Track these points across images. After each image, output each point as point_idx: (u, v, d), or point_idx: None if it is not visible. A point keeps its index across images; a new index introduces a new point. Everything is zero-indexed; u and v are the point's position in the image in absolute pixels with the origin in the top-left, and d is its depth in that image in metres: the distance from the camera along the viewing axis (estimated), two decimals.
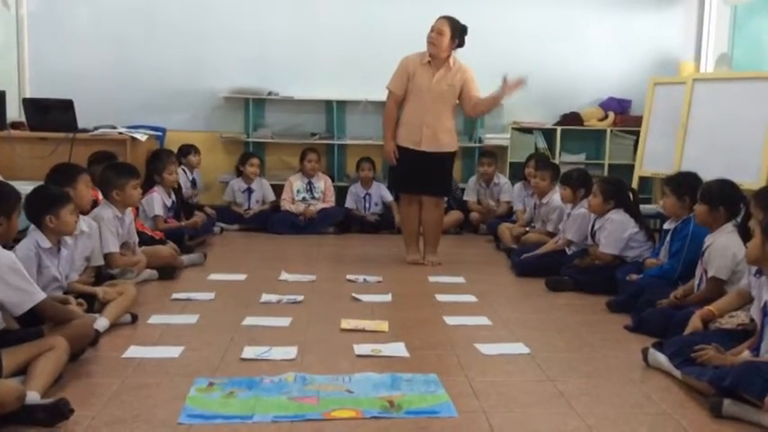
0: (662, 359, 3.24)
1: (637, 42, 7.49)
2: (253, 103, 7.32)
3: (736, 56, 6.94)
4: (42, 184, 3.96)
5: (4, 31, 6.83)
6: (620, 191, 5.01)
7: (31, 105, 5.99)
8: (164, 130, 6.97)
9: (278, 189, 7.12)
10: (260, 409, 2.74)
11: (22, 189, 3.81)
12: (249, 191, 7.05)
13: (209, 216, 6.46)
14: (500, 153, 7.32)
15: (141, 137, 6.03)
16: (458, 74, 5.30)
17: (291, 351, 3.40)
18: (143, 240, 4.98)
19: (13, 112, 6.30)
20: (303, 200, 7.01)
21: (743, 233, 3.52)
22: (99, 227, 4.39)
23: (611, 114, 7.42)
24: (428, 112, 5.27)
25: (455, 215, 6.94)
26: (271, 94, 7.30)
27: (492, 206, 7.02)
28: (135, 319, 3.85)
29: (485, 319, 4.06)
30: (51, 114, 5.82)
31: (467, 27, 5.29)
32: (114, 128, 6.03)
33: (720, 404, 2.75)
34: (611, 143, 7.39)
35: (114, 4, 7.20)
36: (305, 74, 7.33)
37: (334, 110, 7.34)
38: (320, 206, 6.96)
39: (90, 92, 6.66)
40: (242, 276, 4.96)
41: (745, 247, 3.13)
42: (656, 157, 6.61)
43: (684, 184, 4.29)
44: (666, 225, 4.50)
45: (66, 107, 5.77)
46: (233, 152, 7.38)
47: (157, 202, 5.68)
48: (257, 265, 5.31)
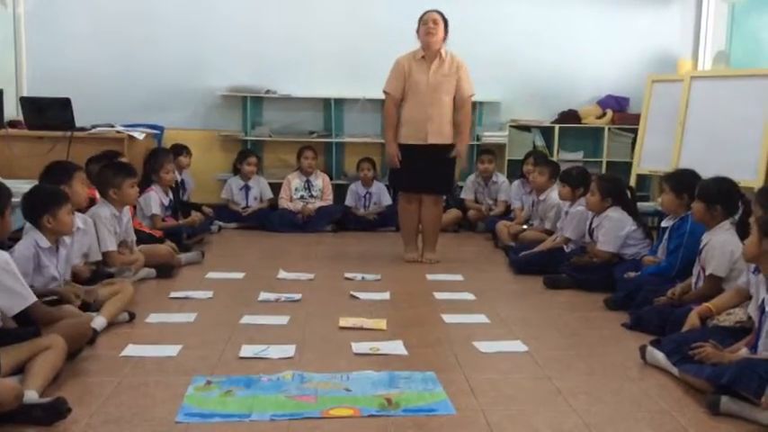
0: (660, 357, 3.24)
1: (635, 40, 7.48)
2: (250, 102, 7.31)
3: (733, 53, 6.94)
4: (39, 183, 3.96)
5: (1, 30, 6.81)
6: (617, 188, 5.01)
7: (28, 104, 5.98)
8: (162, 129, 6.95)
9: (276, 187, 7.11)
10: (258, 408, 2.74)
11: (20, 188, 3.82)
12: (247, 189, 7.04)
13: (206, 215, 6.45)
14: (498, 151, 7.31)
15: (139, 135, 6.02)
16: (452, 64, 5.29)
17: (289, 349, 3.40)
18: (141, 239, 4.98)
19: (11, 110, 6.28)
20: (301, 198, 7.00)
21: (742, 231, 3.51)
22: (96, 225, 4.39)
23: (609, 112, 7.41)
24: (430, 105, 5.26)
25: (453, 213, 6.93)
26: (269, 92, 7.29)
27: (490, 205, 7.01)
28: (133, 317, 3.85)
29: (483, 317, 4.06)
30: (49, 113, 5.80)
31: (447, 19, 5.30)
32: (112, 126, 6.01)
33: (718, 401, 2.76)
34: (609, 141, 7.39)
35: (112, 3, 7.18)
36: (303, 72, 7.32)
37: (332, 108, 7.34)
38: (318, 204, 6.96)
39: (88, 90, 6.64)
40: (240, 275, 4.95)
41: (743, 244, 3.13)
42: (653, 154, 6.61)
43: (683, 181, 4.28)
44: (664, 222, 4.50)
45: (64, 105, 5.75)
46: (231, 150, 7.37)
47: (155, 200, 5.67)
48: (255, 264, 5.31)
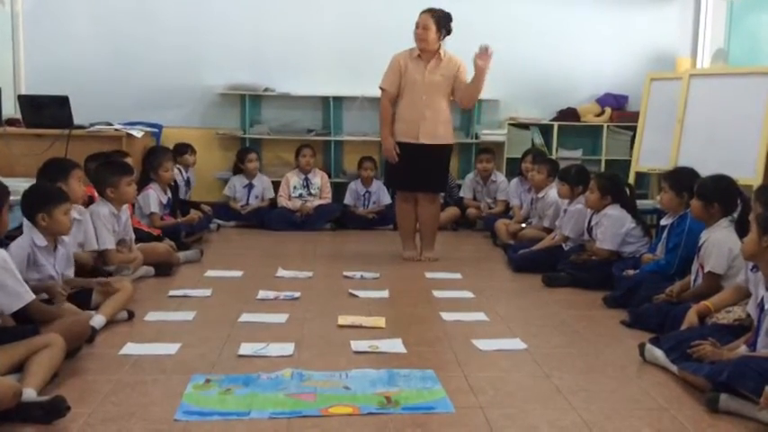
0: (659, 354, 3.25)
1: (633, 38, 7.48)
2: (249, 100, 7.30)
3: (732, 51, 6.94)
4: (39, 181, 3.95)
5: None
6: (616, 186, 5.01)
7: (26, 102, 5.97)
8: (160, 127, 6.95)
9: (274, 185, 7.10)
10: (257, 406, 2.74)
11: (18, 186, 3.81)
12: (250, 187, 7.04)
13: (205, 213, 6.44)
14: (497, 149, 7.31)
15: (137, 133, 6.01)
16: (450, 64, 5.28)
17: (288, 347, 3.40)
18: (140, 237, 4.97)
19: (9, 108, 6.27)
20: (300, 196, 7.00)
21: (741, 229, 3.51)
22: (95, 223, 4.38)
23: (607, 110, 7.41)
24: (425, 105, 5.26)
25: (452, 211, 6.93)
26: (267, 90, 7.28)
27: (489, 204, 7.01)
28: (131, 316, 3.85)
29: (482, 315, 4.06)
30: (47, 111, 5.79)
31: (450, 14, 5.26)
32: (110, 124, 6.01)
33: (717, 399, 2.76)
34: (607, 139, 7.39)
35: (110, 1, 7.16)
36: (301, 70, 7.31)
37: (330, 106, 7.33)
38: (317, 202, 6.95)
39: (86, 88, 6.63)
40: (239, 273, 4.95)
41: (742, 242, 3.12)
42: (652, 152, 6.61)
43: (682, 179, 4.28)
44: (663, 221, 4.50)
45: (62, 104, 5.75)
46: (229, 149, 7.37)
47: (153, 199, 5.66)
48: (254, 262, 5.31)
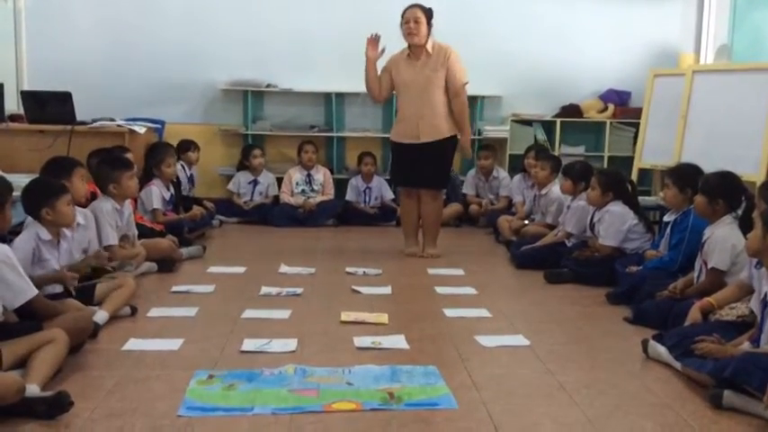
0: (662, 351, 3.24)
1: (636, 34, 7.46)
2: (251, 96, 7.30)
3: (735, 47, 6.92)
4: (37, 176, 3.95)
5: (1, 24, 6.80)
6: (618, 182, 5.00)
7: (29, 98, 5.97)
8: (162, 123, 6.94)
9: (278, 182, 7.10)
10: (260, 402, 2.74)
11: (21, 182, 3.81)
12: (255, 183, 7.04)
13: (208, 209, 6.45)
14: (499, 145, 7.31)
15: (140, 129, 6.00)
16: (440, 56, 5.25)
17: (291, 343, 3.40)
18: (142, 233, 4.97)
19: (12, 104, 6.27)
20: (302, 192, 7.00)
21: (745, 225, 3.51)
22: (98, 219, 4.37)
23: (610, 106, 7.40)
24: (421, 103, 5.25)
25: (454, 208, 6.92)
26: (269, 86, 7.28)
27: (491, 200, 7.00)
28: (134, 311, 3.85)
29: (484, 312, 4.06)
30: (50, 107, 5.79)
31: (431, 9, 5.26)
32: (113, 120, 6.00)
33: (720, 395, 2.76)
34: (610, 135, 7.38)
35: None
36: (304, 66, 7.30)
37: (333, 102, 7.32)
38: (319, 199, 6.95)
39: (88, 84, 6.64)
40: (241, 269, 4.95)
41: (746, 238, 3.12)
42: (655, 148, 6.60)
43: (686, 175, 4.27)
44: (666, 217, 4.49)
45: (65, 99, 5.74)
46: (232, 145, 7.37)
47: (156, 195, 5.66)
48: (257, 258, 5.31)
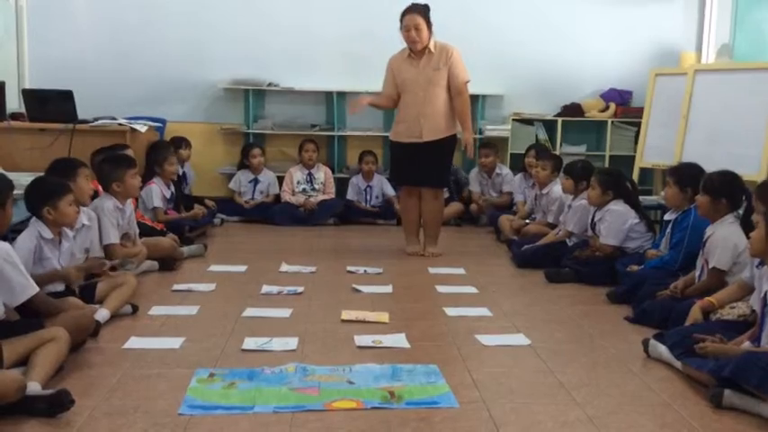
0: (662, 350, 3.24)
1: (638, 33, 7.45)
2: (253, 95, 7.30)
3: (737, 46, 6.91)
4: (41, 175, 3.95)
5: (3, 22, 6.79)
6: (618, 181, 5.00)
7: (30, 96, 5.97)
8: (164, 122, 6.95)
9: (279, 181, 7.10)
10: (261, 400, 2.75)
11: (22, 180, 3.82)
12: (255, 182, 7.04)
13: (209, 208, 6.45)
14: (501, 144, 7.30)
15: (141, 128, 6.00)
16: (442, 55, 5.24)
17: (292, 342, 3.40)
18: (143, 231, 4.97)
19: (13, 102, 6.28)
20: (303, 191, 7.00)
21: (747, 225, 3.51)
22: (99, 218, 4.37)
23: (612, 105, 7.39)
24: (423, 103, 5.24)
25: (455, 207, 6.92)
26: (271, 85, 7.28)
27: (493, 197, 6.99)
28: (135, 310, 3.86)
29: (485, 311, 4.06)
30: (51, 105, 5.80)
31: (427, 5, 5.24)
32: (114, 119, 6.00)
33: (721, 395, 2.76)
34: (611, 134, 7.37)
35: None
36: (305, 65, 7.30)
37: (334, 101, 7.32)
38: (320, 198, 6.96)
39: (90, 83, 6.65)
40: (242, 268, 4.95)
41: (748, 238, 3.12)
42: (656, 148, 6.59)
43: (687, 175, 4.28)
44: (667, 216, 4.49)
45: (66, 98, 5.74)
46: (233, 144, 7.37)
47: (156, 193, 5.66)
48: (258, 257, 5.31)
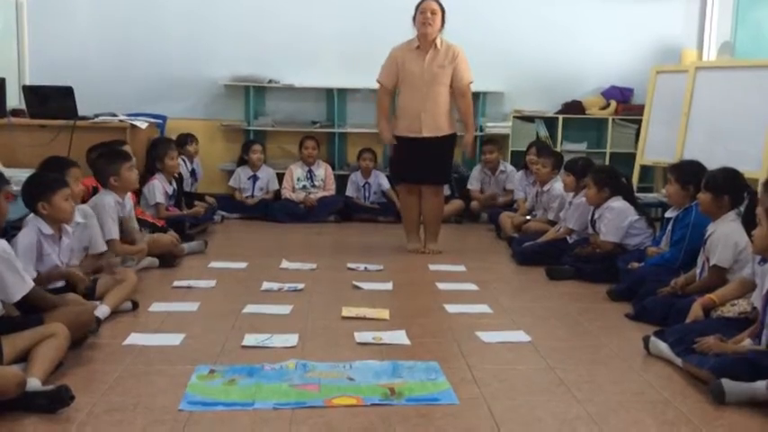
0: (663, 347, 3.24)
1: (639, 30, 7.44)
2: (253, 91, 7.29)
3: (738, 44, 6.91)
4: (36, 171, 3.94)
5: (3, 18, 6.80)
6: (613, 178, 5.00)
7: (31, 93, 5.97)
8: (164, 118, 6.95)
9: (279, 177, 7.11)
10: (261, 397, 2.75)
11: (22, 177, 3.81)
12: (255, 178, 7.04)
13: (209, 205, 6.45)
14: (501, 141, 7.29)
15: (141, 124, 6.01)
16: (448, 53, 5.23)
17: (292, 339, 3.40)
18: (144, 228, 4.96)
19: (13, 99, 6.27)
20: (303, 188, 7.00)
21: (748, 222, 3.50)
22: (100, 214, 4.34)
23: (612, 103, 7.39)
24: (425, 97, 5.23)
25: (456, 204, 6.92)
26: (271, 81, 7.27)
27: (496, 195, 6.98)
28: (136, 306, 3.86)
29: (486, 308, 4.06)
30: (51, 102, 5.80)
31: (444, 7, 5.25)
32: (115, 115, 6.00)
33: (721, 386, 2.75)
34: (612, 132, 7.36)
35: None
36: (306, 62, 7.30)
37: (334, 98, 7.31)
38: (321, 194, 6.95)
39: (90, 79, 6.64)
40: (243, 264, 4.95)
41: (750, 236, 3.12)
42: (657, 145, 6.59)
43: (688, 172, 4.27)
44: (668, 213, 4.49)
45: (67, 94, 5.75)
46: (233, 140, 7.37)
47: (158, 189, 5.66)
48: (258, 254, 5.31)
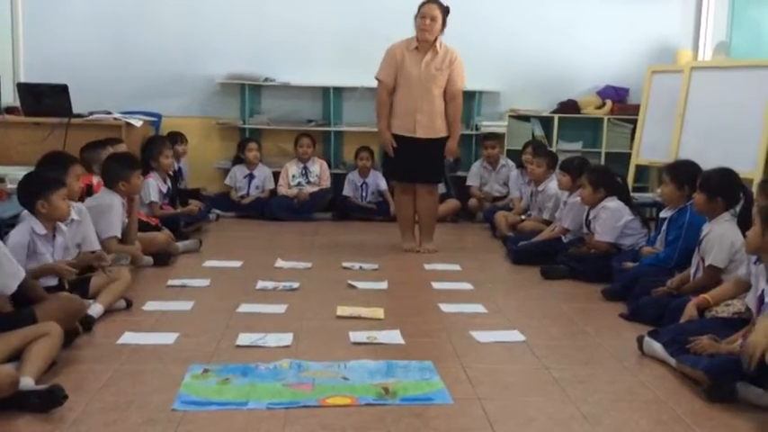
0: (657, 347, 3.24)
1: (634, 30, 7.43)
2: (249, 90, 7.28)
3: (734, 44, 6.91)
4: (35, 169, 3.93)
5: None
6: (607, 178, 5.01)
7: (25, 90, 5.95)
8: (159, 116, 6.93)
9: (275, 175, 7.09)
10: (255, 396, 2.74)
11: (17, 174, 3.80)
12: (251, 177, 7.03)
13: (203, 199, 6.43)
14: (497, 141, 7.29)
15: (136, 122, 5.99)
16: (446, 57, 5.25)
17: (287, 338, 3.40)
18: (138, 227, 4.94)
19: (8, 96, 6.25)
20: (298, 184, 7.01)
21: (743, 223, 3.51)
22: (107, 211, 4.34)
23: (608, 102, 7.39)
24: (420, 98, 5.23)
25: (452, 203, 6.92)
26: (267, 80, 7.26)
27: (496, 192, 6.98)
28: (129, 305, 3.85)
29: (480, 307, 4.06)
30: (46, 99, 5.77)
31: (448, 7, 5.25)
32: (109, 113, 5.98)
33: (720, 390, 2.76)
34: (608, 131, 7.36)
35: None
36: (301, 60, 7.28)
37: (330, 96, 7.30)
38: (314, 189, 6.96)
39: (85, 77, 6.61)
40: (237, 263, 4.94)
41: (745, 236, 3.12)
42: (653, 145, 6.60)
43: (684, 172, 4.27)
44: (663, 213, 4.49)
45: (61, 92, 5.73)
46: (229, 138, 7.35)
47: (153, 187, 5.65)
48: (253, 252, 5.30)
